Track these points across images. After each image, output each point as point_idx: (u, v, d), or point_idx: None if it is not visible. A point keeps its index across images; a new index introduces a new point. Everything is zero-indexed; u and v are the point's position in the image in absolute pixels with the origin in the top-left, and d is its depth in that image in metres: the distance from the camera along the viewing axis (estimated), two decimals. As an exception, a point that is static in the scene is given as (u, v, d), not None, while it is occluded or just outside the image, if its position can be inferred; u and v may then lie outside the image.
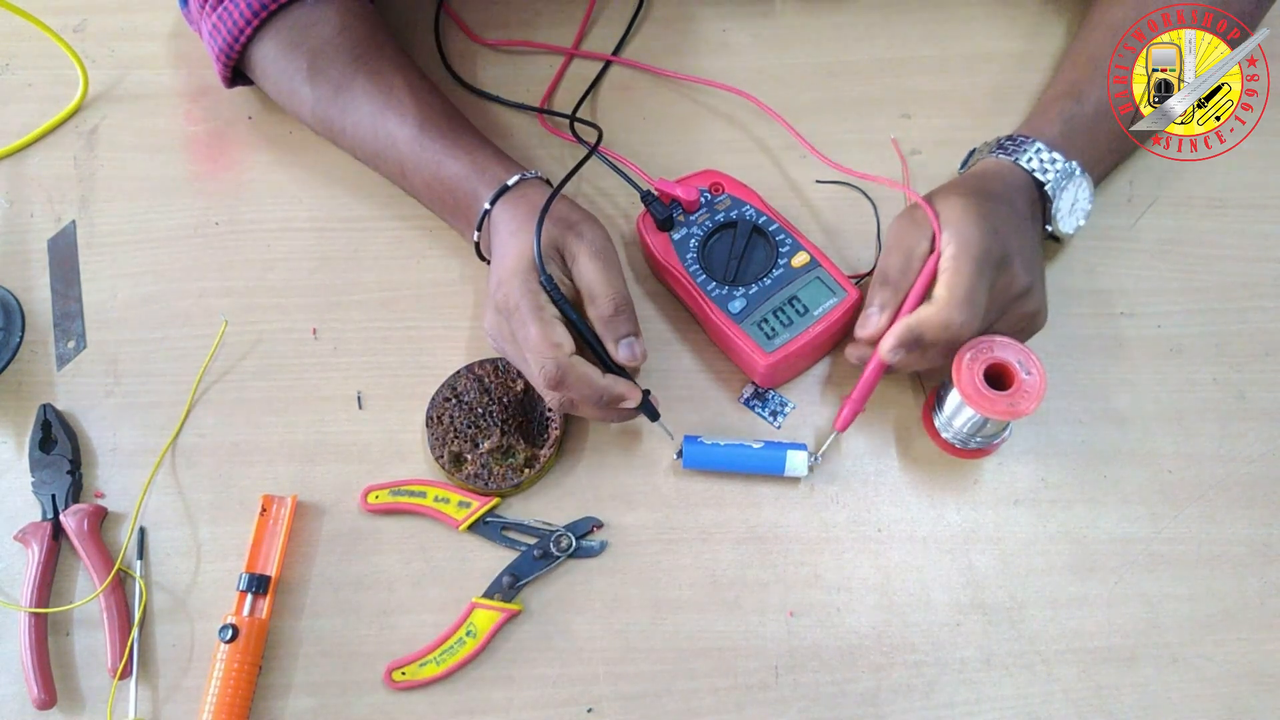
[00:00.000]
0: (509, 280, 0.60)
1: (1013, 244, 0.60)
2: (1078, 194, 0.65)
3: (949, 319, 0.58)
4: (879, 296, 0.62)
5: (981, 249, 0.58)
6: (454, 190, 0.66)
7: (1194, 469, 0.65)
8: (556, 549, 0.64)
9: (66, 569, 0.65)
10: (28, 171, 0.76)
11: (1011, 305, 0.61)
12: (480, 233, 0.65)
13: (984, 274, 0.58)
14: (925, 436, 0.66)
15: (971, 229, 0.59)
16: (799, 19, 0.79)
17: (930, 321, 0.59)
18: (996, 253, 0.59)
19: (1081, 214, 0.65)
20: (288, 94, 0.70)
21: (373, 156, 0.69)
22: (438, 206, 0.69)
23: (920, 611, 0.63)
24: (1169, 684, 0.61)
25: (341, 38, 0.69)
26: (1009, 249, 0.60)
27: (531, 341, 0.59)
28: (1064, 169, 0.64)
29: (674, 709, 0.61)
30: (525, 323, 0.59)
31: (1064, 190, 0.64)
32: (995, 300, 0.60)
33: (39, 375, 0.69)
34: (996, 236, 0.59)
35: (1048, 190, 0.64)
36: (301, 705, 0.61)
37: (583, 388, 0.59)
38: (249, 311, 0.71)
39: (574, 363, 0.59)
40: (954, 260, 0.59)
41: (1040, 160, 0.64)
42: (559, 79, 0.78)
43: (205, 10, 0.69)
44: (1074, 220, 0.65)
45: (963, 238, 0.59)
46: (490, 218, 0.64)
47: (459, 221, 0.68)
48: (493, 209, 0.64)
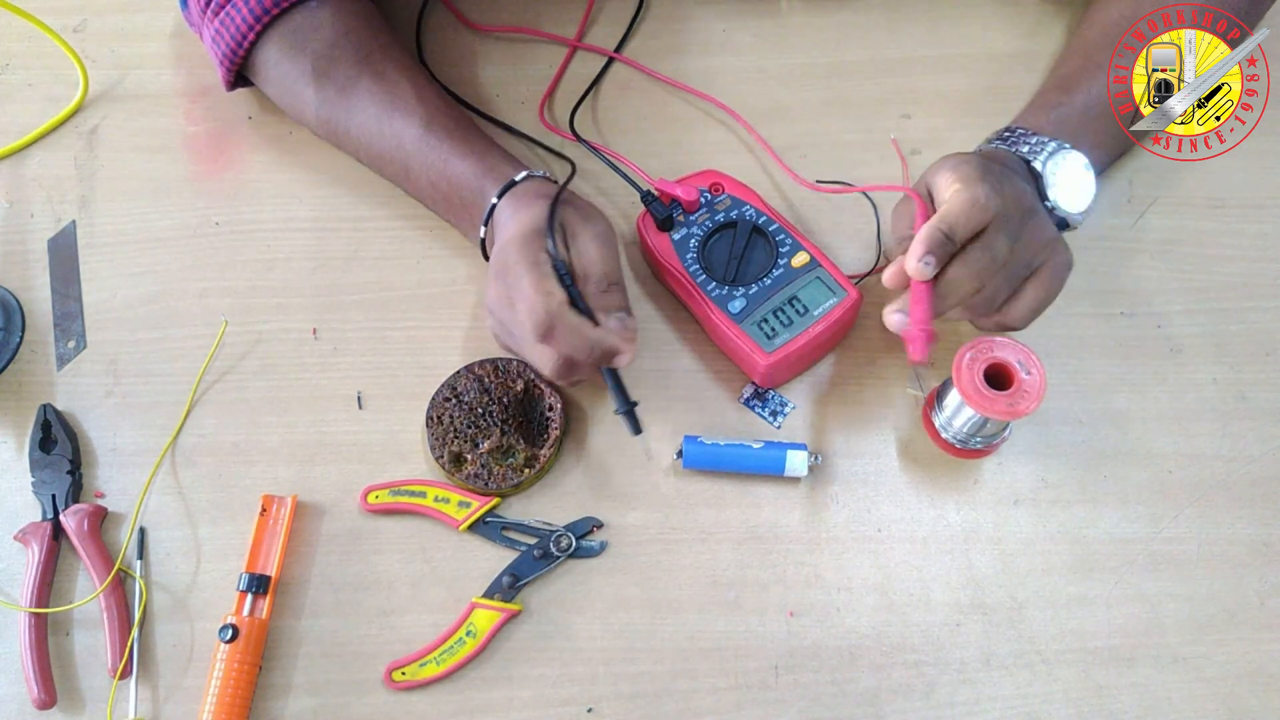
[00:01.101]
0: (509, 244, 0.60)
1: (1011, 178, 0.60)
2: (1073, 171, 0.64)
3: (974, 195, 0.56)
4: (897, 254, 0.59)
5: (976, 160, 0.59)
6: (460, 188, 0.66)
7: (1194, 469, 0.65)
8: (556, 549, 0.64)
9: (66, 569, 0.65)
10: (28, 171, 0.76)
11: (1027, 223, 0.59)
12: (487, 228, 0.65)
13: (990, 170, 0.58)
14: (925, 436, 0.66)
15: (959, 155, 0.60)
16: (804, 18, 0.79)
17: (954, 205, 0.56)
18: (995, 169, 0.59)
19: (1087, 195, 0.64)
20: (292, 97, 0.70)
21: (377, 157, 0.69)
22: (442, 206, 0.69)
23: (920, 611, 0.63)
24: (1169, 684, 0.61)
25: (346, 40, 0.69)
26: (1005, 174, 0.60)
27: (524, 291, 0.58)
28: (1054, 147, 0.63)
29: (674, 709, 0.61)
30: (520, 276, 0.59)
31: (1055, 167, 0.63)
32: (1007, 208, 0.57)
33: (39, 375, 0.69)
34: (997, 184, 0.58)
35: (1035, 166, 0.63)
36: (301, 705, 0.61)
37: (573, 338, 0.58)
38: (249, 311, 0.71)
39: (564, 310, 0.58)
40: (955, 168, 0.58)
41: (1029, 145, 0.64)
42: (559, 78, 0.77)
43: (207, 16, 0.69)
44: (1079, 200, 0.64)
45: (953, 158, 0.59)
46: (496, 211, 0.64)
47: (463, 220, 0.68)
48: (499, 203, 0.64)
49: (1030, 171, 0.64)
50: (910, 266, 0.56)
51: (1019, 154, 0.64)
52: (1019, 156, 0.64)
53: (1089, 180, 0.64)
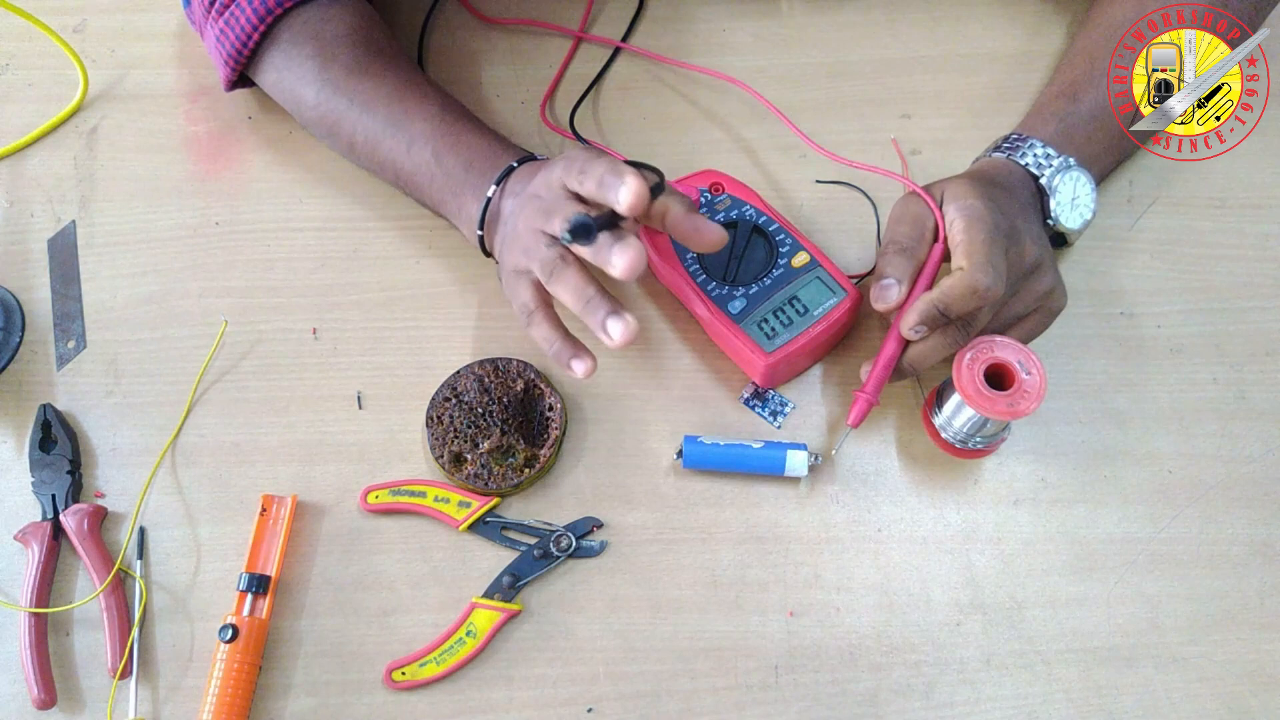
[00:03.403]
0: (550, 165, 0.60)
1: (1019, 221, 0.60)
2: (1076, 188, 0.64)
3: (975, 283, 0.57)
4: (894, 266, 0.60)
5: (990, 218, 0.58)
6: (470, 159, 0.65)
7: (1194, 469, 0.65)
8: (556, 549, 0.64)
9: (66, 569, 0.65)
10: (28, 171, 0.76)
11: (1025, 282, 0.61)
12: (497, 188, 0.64)
13: (998, 240, 0.58)
14: (925, 436, 0.66)
15: (976, 202, 0.59)
16: (806, 18, 0.79)
17: (956, 290, 0.57)
18: (1005, 225, 0.59)
19: (1086, 209, 0.65)
20: (293, 78, 0.69)
21: (377, 134, 0.67)
22: (440, 181, 0.66)
23: (920, 611, 0.63)
24: (1169, 684, 0.61)
25: (354, 33, 0.69)
26: (1015, 224, 0.60)
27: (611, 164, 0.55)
28: (1060, 163, 0.64)
29: (674, 709, 0.61)
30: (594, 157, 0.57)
31: (1061, 184, 0.64)
32: (1010, 272, 0.59)
33: (39, 375, 0.69)
34: (1003, 214, 0.59)
35: (1043, 183, 0.64)
36: (301, 705, 0.61)
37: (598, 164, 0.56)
38: (249, 311, 0.71)
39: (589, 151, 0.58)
40: (966, 231, 0.58)
41: (1035, 156, 0.64)
42: (560, 77, 0.77)
43: (211, 16, 0.69)
44: (1078, 216, 0.65)
45: (970, 210, 0.59)
46: (510, 179, 0.64)
47: (461, 196, 0.66)
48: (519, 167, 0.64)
49: (1031, 177, 0.64)
50: (903, 329, 0.60)
51: (1024, 167, 0.64)
52: (1023, 169, 0.64)
53: (1091, 197, 0.65)
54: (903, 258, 0.61)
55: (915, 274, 0.61)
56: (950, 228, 0.60)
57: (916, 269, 0.61)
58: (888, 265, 0.61)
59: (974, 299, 0.58)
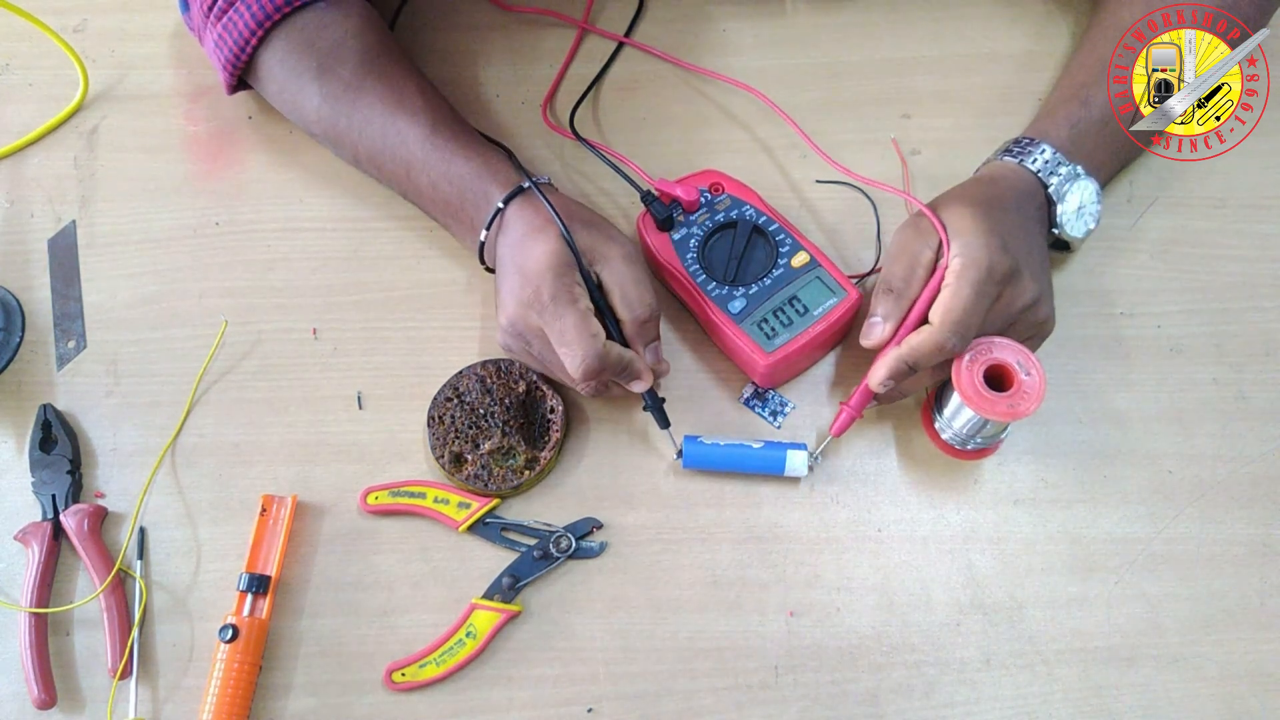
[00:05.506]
0: (541, 275, 0.60)
1: (1022, 255, 0.60)
2: (1083, 197, 0.65)
3: (941, 343, 0.58)
4: (883, 306, 0.61)
5: (987, 267, 0.58)
6: (463, 189, 0.66)
7: (1194, 469, 0.65)
8: (556, 550, 0.64)
9: (66, 569, 0.65)
10: (28, 171, 0.76)
11: (1020, 315, 0.61)
12: (488, 232, 0.65)
13: (984, 296, 0.58)
14: (925, 436, 0.66)
15: (980, 245, 0.59)
16: (805, 18, 0.79)
17: (922, 349, 0.59)
18: (1003, 268, 0.59)
19: (1090, 218, 0.65)
20: (294, 91, 0.69)
21: (377, 154, 0.68)
22: (440, 207, 0.68)
23: (920, 611, 0.63)
24: (1169, 684, 0.61)
25: (352, 41, 0.68)
26: (1018, 261, 0.59)
27: (568, 334, 0.59)
28: (1069, 172, 0.64)
29: (674, 709, 0.61)
30: (561, 315, 0.59)
31: (1068, 193, 0.64)
32: (1002, 311, 0.60)
33: (39, 375, 0.69)
34: (1005, 251, 0.59)
35: (1051, 193, 0.64)
36: (301, 705, 0.61)
37: (616, 369, 0.61)
38: (249, 311, 0.71)
39: (608, 351, 0.60)
40: (956, 278, 0.58)
41: (1045, 162, 0.64)
42: (561, 78, 0.78)
43: (210, 20, 0.69)
44: (1082, 225, 0.65)
45: (970, 253, 0.59)
46: (504, 216, 0.64)
47: (461, 223, 0.67)
48: (506, 209, 0.64)
49: (1040, 185, 0.64)
50: (871, 383, 0.62)
51: (1030, 169, 0.64)
52: (1033, 175, 0.64)
53: (1097, 207, 0.65)
54: (890, 298, 0.61)
55: (903, 315, 0.61)
56: (950, 264, 0.60)
57: (905, 309, 0.61)
58: (878, 304, 0.62)
59: (939, 356, 0.59)
